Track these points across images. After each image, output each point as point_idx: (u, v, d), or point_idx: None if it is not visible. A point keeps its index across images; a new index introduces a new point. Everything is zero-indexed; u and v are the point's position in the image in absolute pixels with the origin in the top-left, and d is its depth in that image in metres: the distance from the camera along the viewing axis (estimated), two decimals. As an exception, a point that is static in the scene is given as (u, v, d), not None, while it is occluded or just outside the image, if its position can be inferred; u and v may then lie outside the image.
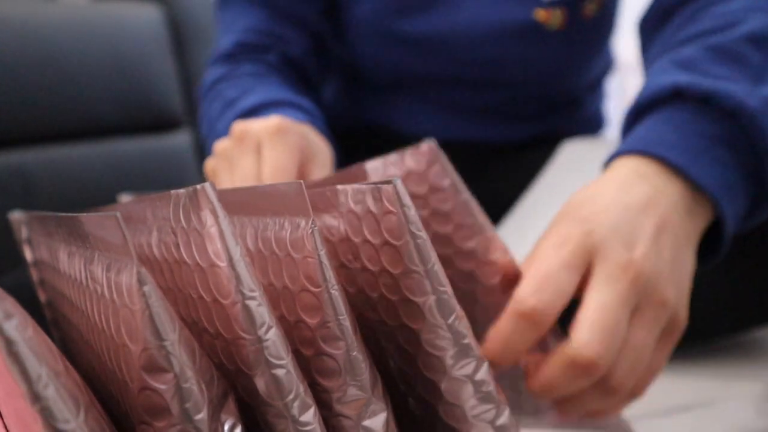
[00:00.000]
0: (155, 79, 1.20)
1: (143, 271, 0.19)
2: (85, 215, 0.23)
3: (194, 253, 0.21)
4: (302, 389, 0.21)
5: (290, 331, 0.23)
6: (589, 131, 0.81)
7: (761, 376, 0.51)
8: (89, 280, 0.23)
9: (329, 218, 0.26)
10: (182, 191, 0.21)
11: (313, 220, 0.22)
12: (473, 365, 0.24)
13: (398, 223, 0.23)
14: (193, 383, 0.19)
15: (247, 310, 0.20)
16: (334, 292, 0.22)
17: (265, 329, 0.21)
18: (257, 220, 0.25)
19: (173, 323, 0.19)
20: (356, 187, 0.25)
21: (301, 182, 0.22)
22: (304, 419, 0.21)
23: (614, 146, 0.42)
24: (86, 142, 1.12)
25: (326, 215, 0.27)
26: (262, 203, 0.24)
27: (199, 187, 0.20)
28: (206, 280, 0.21)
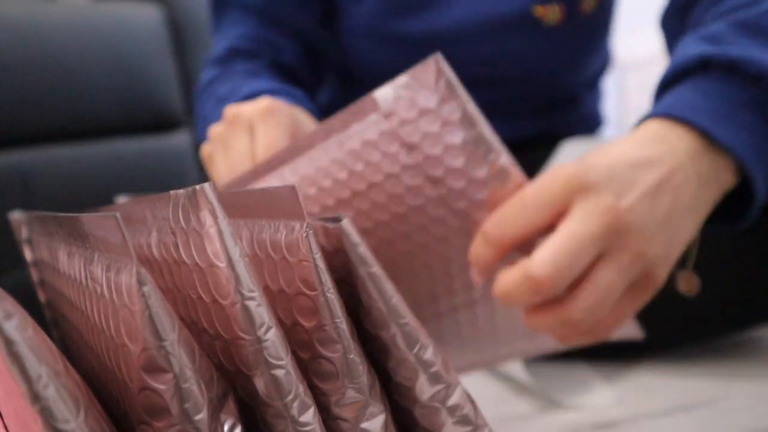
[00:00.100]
0: (155, 79, 1.20)
1: (143, 271, 0.19)
2: (85, 215, 0.23)
3: (193, 253, 0.21)
4: (301, 389, 0.21)
5: (287, 334, 0.23)
6: (587, 130, 0.81)
7: (761, 376, 0.51)
8: (89, 280, 0.23)
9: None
10: (181, 191, 0.21)
11: (308, 223, 0.22)
12: (444, 391, 0.24)
13: (352, 261, 0.23)
14: (192, 383, 0.19)
15: (246, 310, 0.20)
16: (330, 295, 0.22)
17: (264, 329, 0.21)
18: (252, 222, 0.25)
19: (173, 323, 0.19)
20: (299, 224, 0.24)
21: (294, 186, 0.22)
22: (303, 419, 0.21)
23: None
24: (86, 142, 1.12)
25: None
26: (256, 205, 0.24)
27: (198, 187, 0.20)
28: (205, 280, 0.21)
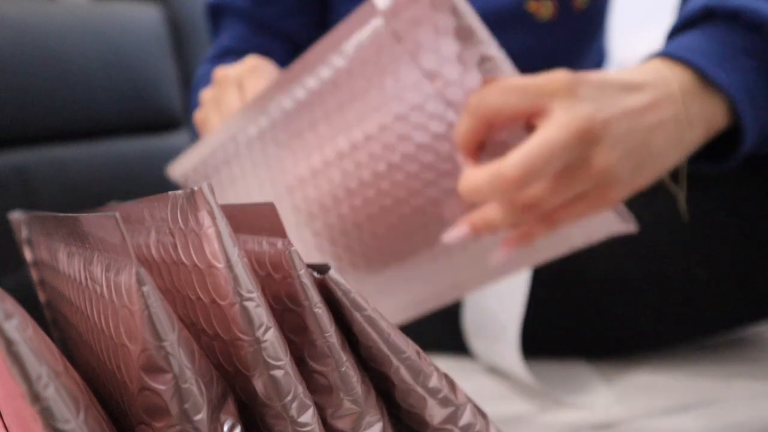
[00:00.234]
0: (155, 79, 1.20)
1: (142, 271, 0.19)
2: (84, 215, 0.23)
3: (192, 254, 0.21)
4: (300, 390, 0.21)
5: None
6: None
7: (761, 374, 0.51)
8: (89, 280, 0.23)
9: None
10: (180, 192, 0.21)
11: (288, 240, 0.22)
12: (454, 414, 0.24)
13: (346, 308, 0.23)
14: (192, 384, 0.19)
15: (245, 311, 0.20)
16: (317, 310, 0.22)
17: (263, 330, 0.21)
18: (237, 236, 0.25)
19: (172, 323, 0.20)
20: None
21: (272, 204, 0.22)
22: (302, 420, 0.21)
23: None
24: (86, 142, 1.12)
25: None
26: (239, 220, 0.24)
27: (196, 188, 0.20)
28: (204, 281, 0.21)
